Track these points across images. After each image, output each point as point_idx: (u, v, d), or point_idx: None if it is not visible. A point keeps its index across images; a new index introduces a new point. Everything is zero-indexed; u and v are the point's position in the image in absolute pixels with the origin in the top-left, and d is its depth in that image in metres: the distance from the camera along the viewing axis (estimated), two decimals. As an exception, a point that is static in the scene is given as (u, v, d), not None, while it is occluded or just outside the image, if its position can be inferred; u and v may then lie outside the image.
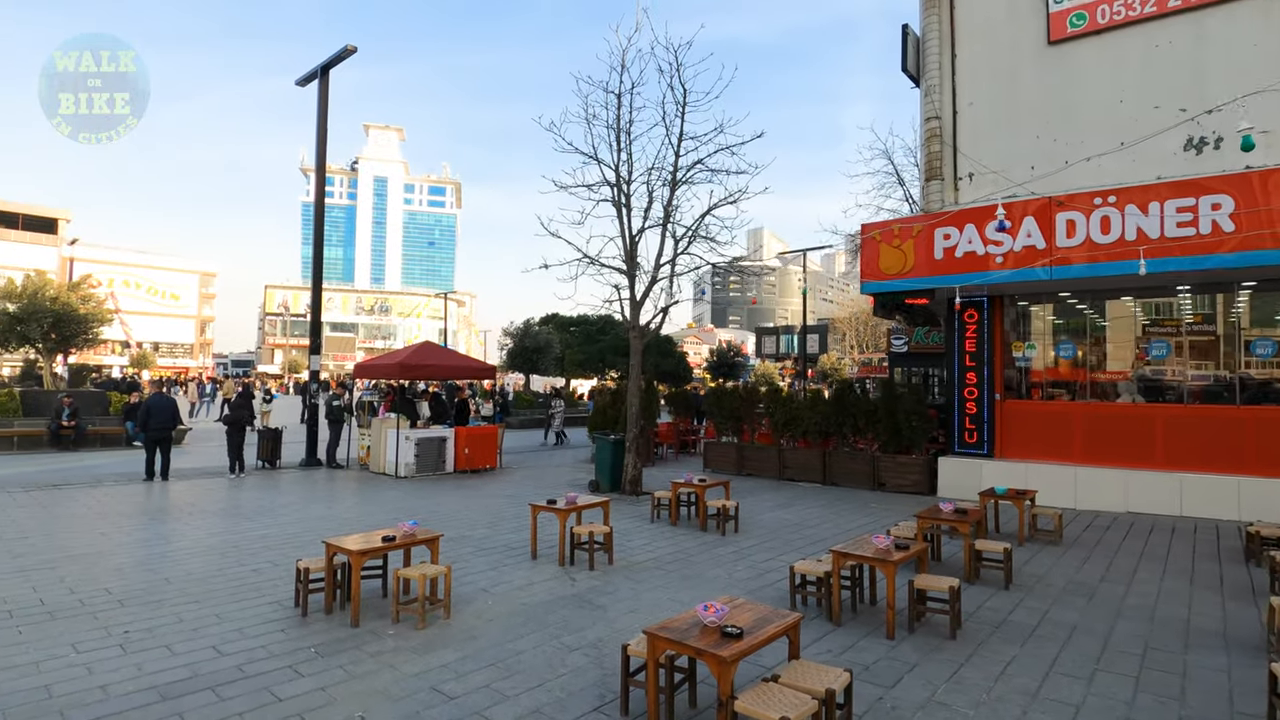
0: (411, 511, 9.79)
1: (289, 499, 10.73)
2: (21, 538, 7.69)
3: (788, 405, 13.79)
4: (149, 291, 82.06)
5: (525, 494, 11.50)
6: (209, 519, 9.05)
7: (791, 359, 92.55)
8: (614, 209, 11.56)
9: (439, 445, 13.92)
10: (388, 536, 5.45)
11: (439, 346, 15.25)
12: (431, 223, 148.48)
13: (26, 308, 18.97)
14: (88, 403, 18.29)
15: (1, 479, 11.97)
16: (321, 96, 15.60)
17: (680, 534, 8.62)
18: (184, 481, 12.28)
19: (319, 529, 8.53)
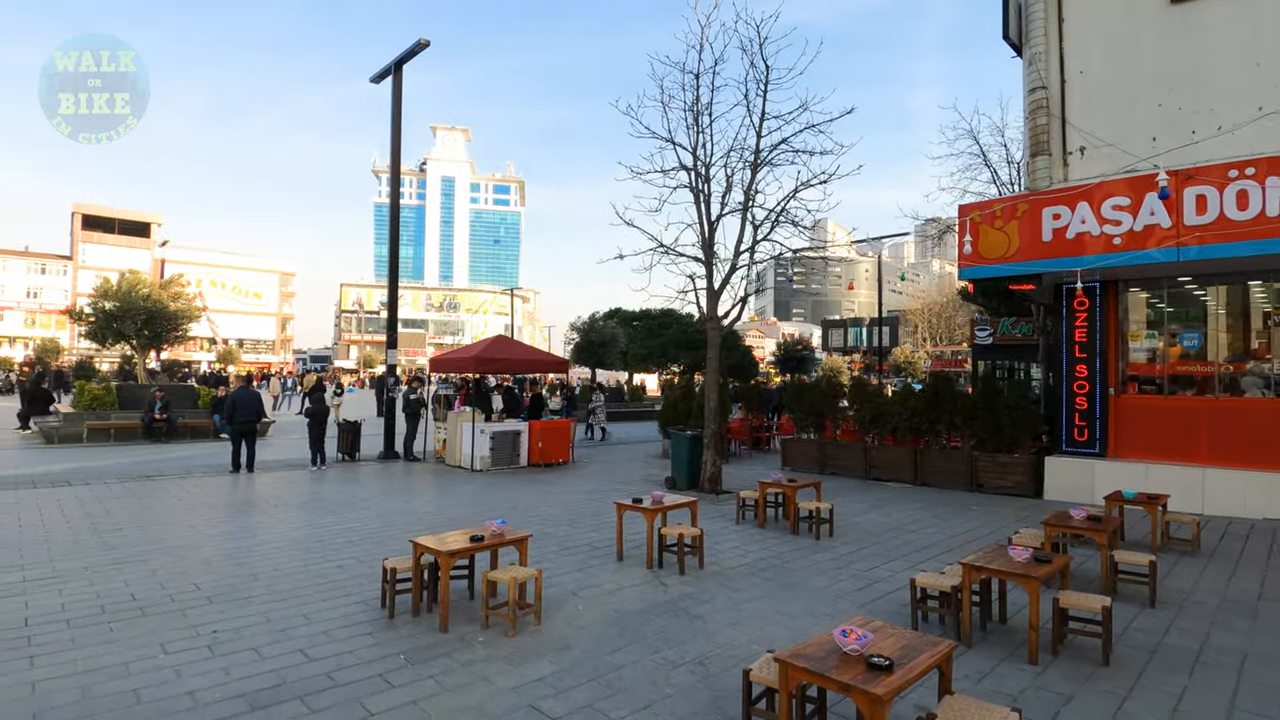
0: (489, 506, 9.60)
1: (369, 492, 10.72)
2: (116, 530, 7.82)
3: (875, 400, 13.02)
4: (234, 291, 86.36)
5: (601, 490, 11.19)
6: (293, 512, 9.06)
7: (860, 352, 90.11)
8: (691, 195, 11.08)
9: (513, 439, 13.78)
10: (476, 536, 5.16)
11: (512, 340, 15.12)
12: (496, 221, 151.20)
13: (121, 305, 19.91)
14: (178, 396, 19.04)
15: (99, 470, 12.43)
16: (395, 92, 15.67)
17: (770, 537, 8.09)
18: (268, 473, 12.49)
19: (400, 523, 8.40)
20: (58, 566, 6.26)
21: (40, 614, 5.05)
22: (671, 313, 51.75)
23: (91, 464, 13.16)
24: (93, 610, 5.15)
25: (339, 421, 14.44)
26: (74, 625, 4.85)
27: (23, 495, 9.72)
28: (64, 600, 5.35)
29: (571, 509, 9.54)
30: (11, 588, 5.61)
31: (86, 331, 21.26)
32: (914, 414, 12.51)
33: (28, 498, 9.54)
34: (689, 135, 10.97)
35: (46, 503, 9.26)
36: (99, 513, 8.70)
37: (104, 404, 17.81)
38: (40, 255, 74.18)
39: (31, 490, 10.18)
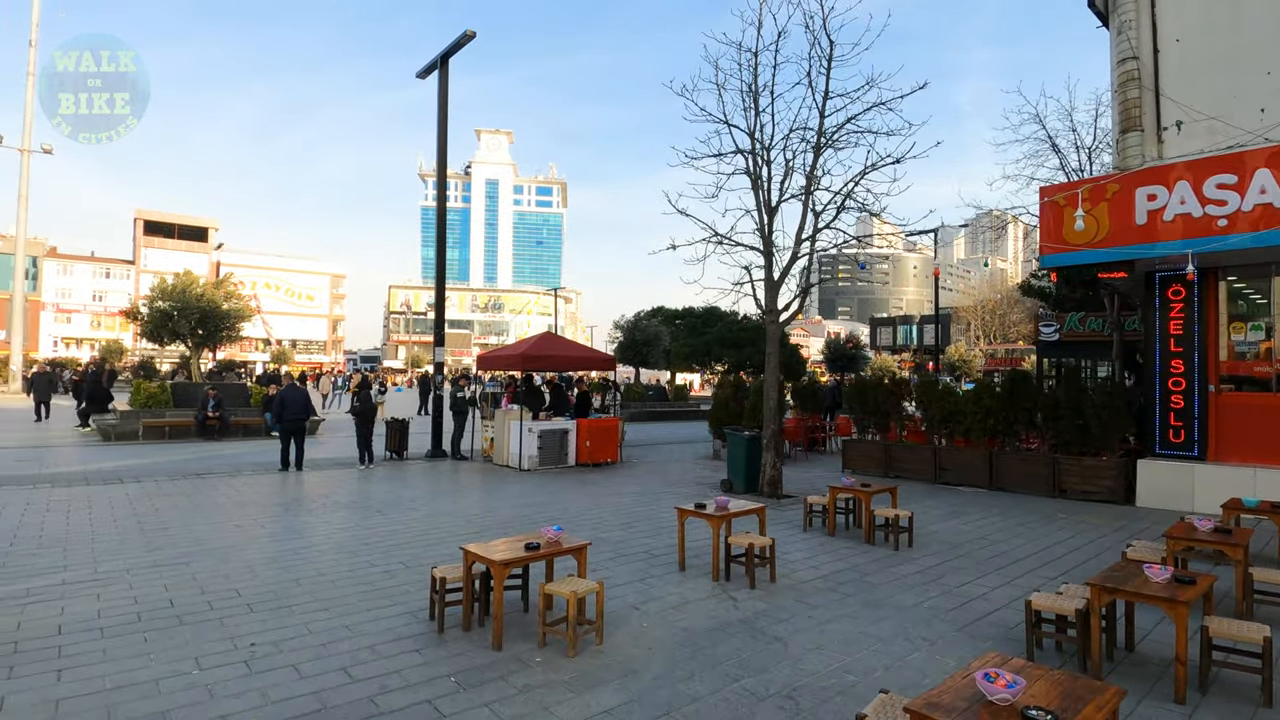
0: (539, 507, 9.17)
1: (416, 492, 10.42)
2: (161, 529, 7.62)
3: (947, 399, 12.20)
4: (286, 293, 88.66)
5: (652, 491, 10.68)
6: (339, 512, 8.78)
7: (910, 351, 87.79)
8: (748, 180, 10.47)
9: (561, 438, 13.37)
10: (531, 544, 4.69)
11: (559, 337, 14.74)
12: (539, 222, 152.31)
13: (175, 305, 20.24)
14: (230, 394, 19.22)
15: (150, 468, 12.45)
16: (441, 86, 15.45)
17: (843, 547, 7.45)
18: (317, 472, 12.33)
19: (448, 525, 8.03)
20: (99, 569, 6.02)
21: (75, 621, 4.77)
22: (715, 310, 51.05)
23: (144, 461, 13.22)
24: (128, 618, 4.85)
25: (386, 420, 14.25)
26: (107, 634, 4.55)
27: (75, 493, 9.68)
28: (101, 606, 5.07)
29: (625, 512, 9.04)
30: (50, 592, 5.37)
31: (143, 331, 21.72)
32: (988, 414, 11.66)
33: (80, 495, 9.49)
34: (746, 118, 10.39)
35: (98, 500, 9.19)
36: (146, 511, 8.56)
37: (159, 402, 18.06)
38: (105, 260, 77.34)
39: (84, 487, 10.16)
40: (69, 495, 9.46)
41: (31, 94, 32.72)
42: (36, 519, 7.95)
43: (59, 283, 74.14)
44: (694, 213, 9.87)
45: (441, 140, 15.29)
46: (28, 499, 9.10)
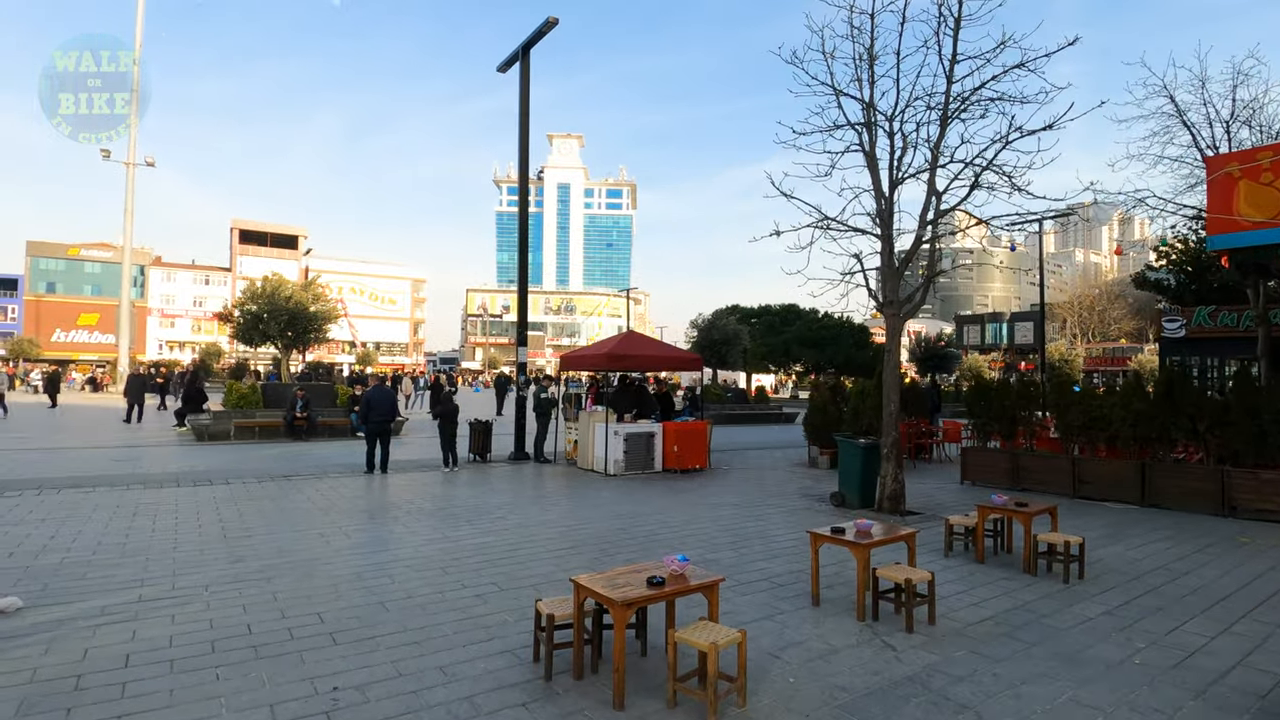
0: (633, 519, 8.40)
1: (502, 498, 9.84)
2: (245, 536, 7.23)
3: (1088, 402, 10.75)
4: (370, 297, 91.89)
5: (753, 503, 9.74)
6: (426, 521, 8.25)
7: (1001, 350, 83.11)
8: (863, 158, 9.40)
9: (647, 442, 12.60)
10: (655, 579, 3.87)
11: (643, 336, 14.00)
12: (609, 224, 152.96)
13: (265, 307, 20.62)
14: (318, 395, 19.39)
15: (239, 469, 12.39)
16: (523, 78, 14.96)
17: (1000, 577, 6.33)
18: (401, 475, 11.98)
19: (541, 538, 7.34)
20: (177, 583, 5.59)
21: (144, 650, 4.26)
22: (793, 308, 49.47)
23: (233, 462, 13.23)
24: (201, 648, 4.31)
25: (470, 421, 13.84)
26: (177, 669, 4.00)
27: (164, 495, 9.55)
28: (174, 630, 4.57)
29: (730, 528, 8.15)
30: (123, 611, 4.93)
31: (234, 333, 22.30)
32: (1139, 419, 10.17)
33: (168, 498, 9.34)
34: (861, 88, 9.31)
35: (185, 503, 8.99)
36: (231, 516, 8.25)
37: (250, 403, 18.35)
38: (204, 268, 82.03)
39: (174, 489, 10.05)
40: (158, 498, 9.32)
41: (136, 109, 34.50)
42: (123, 524, 7.73)
43: (163, 289, 79.11)
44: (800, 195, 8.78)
45: (523, 132, 14.80)
46: (118, 501, 8.99)
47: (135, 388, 20.97)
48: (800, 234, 9.88)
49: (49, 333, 68.66)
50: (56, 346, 67.89)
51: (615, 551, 6.86)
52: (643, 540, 7.38)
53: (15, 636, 4.40)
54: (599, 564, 6.38)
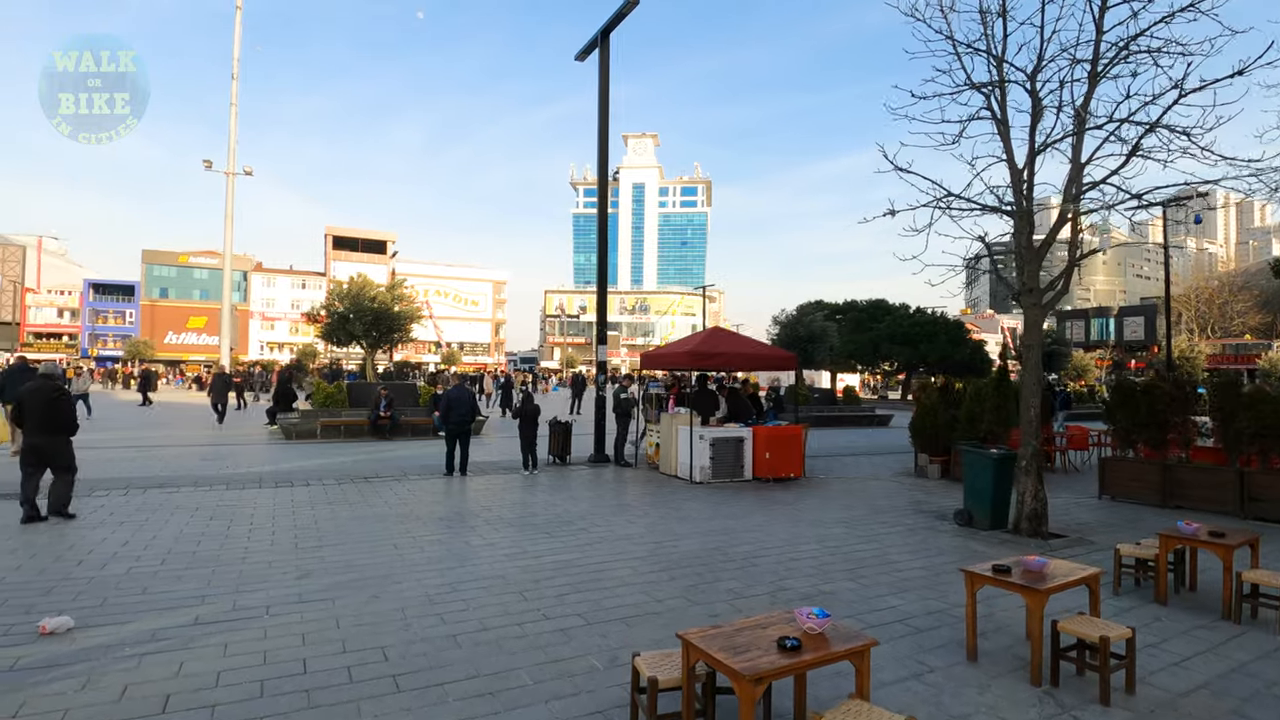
0: (728, 536, 7.51)
1: (583, 506, 9.15)
2: (316, 547, 6.79)
3: (1261, 406, 9.10)
4: (454, 299, 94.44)
5: (862, 520, 8.67)
6: (504, 531, 7.63)
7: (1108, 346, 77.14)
8: (993, 124, 8.17)
9: (736, 447, 11.66)
10: (788, 641, 2.99)
11: (731, 332, 13.06)
12: (684, 223, 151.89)
13: (351, 307, 20.85)
14: (401, 395, 19.41)
15: (322, 469, 12.23)
16: (602, 64, 14.32)
17: (1196, 626, 5.09)
18: (481, 477, 11.53)
19: (628, 557, 6.57)
20: (239, 602, 5.12)
21: (187, 690, 3.72)
22: (881, 303, 47.06)
23: (317, 462, 13.15)
24: (249, 689, 3.74)
25: (549, 421, 13.29)
26: (218, 716, 3.43)
27: (244, 497, 9.36)
28: (224, 665, 4.03)
29: (841, 551, 7.14)
30: (176, 637, 4.45)
31: (321, 333, 22.74)
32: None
33: (248, 501, 9.13)
34: (987, 44, 8.09)
35: (263, 507, 8.74)
36: (306, 523, 7.89)
37: (336, 402, 18.52)
38: (301, 273, 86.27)
39: (255, 490, 9.88)
40: (238, 500, 9.12)
41: (234, 122, 36.10)
42: (198, 528, 7.47)
43: (263, 293, 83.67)
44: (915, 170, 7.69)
45: (603, 120, 14.14)
46: (198, 503, 8.82)
47: (219, 387, 21.51)
48: (916, 216, 8.74)
49: (162, 335, 73.77)
50: (168, 348, 72.86)
51: (713, 578, 6.00)
52: (742, 564, 6.49)
53: (56, 665, 3.96)
54: (696, 593, 5.54)
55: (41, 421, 7.67)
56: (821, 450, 16.76)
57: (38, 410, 7.66)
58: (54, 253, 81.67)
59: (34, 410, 7.66)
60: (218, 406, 20.78)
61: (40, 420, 7.66)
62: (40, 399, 7.68)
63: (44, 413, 7.67)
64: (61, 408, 7.78)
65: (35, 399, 7.68)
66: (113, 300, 74.60)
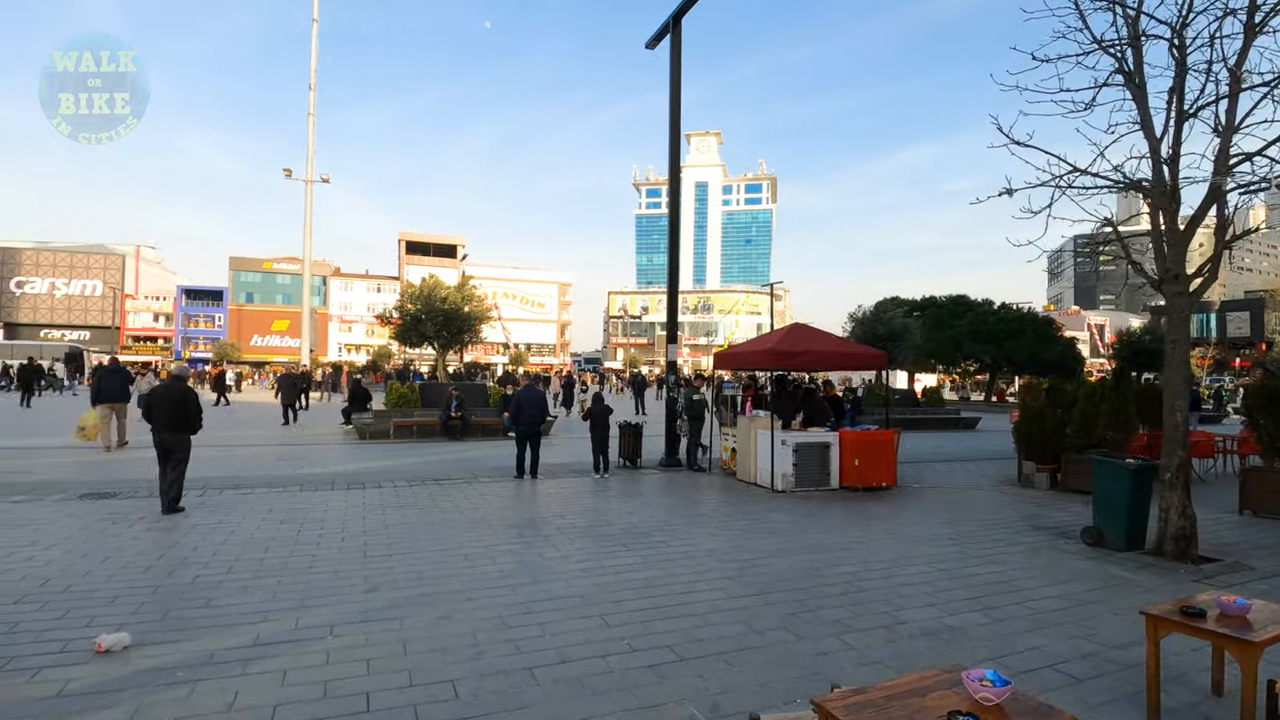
0: (824, 554, 6.79)
1: (659, 515, 8.58)
2: (385, 557, 6.45)
3: None
4: (521, 301, 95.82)
5: (973, 537, 7.78)
6: (578, 542, 7.14)
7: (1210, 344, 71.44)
8: (1125, 89, 7.15)
9: (821, 453, 10.86)
10: (961, 718, 2.32)
11: (814, 329, 12.24)
12: (748, 220, 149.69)
13: (422, 308, 20.95)
14: (471, 395, 19.36)
15: (392, 470, 12.10)
16: (674, 51, 13.74)
17: None
18: (552, 480, 11.14)
19: (714, 576, 5.95)
20: (301, 620, 4.77)
21: (240, 728, 3.33)
22: (963, 299, 44.70)
23: (388, 463, 13.07)
24: (305, 730, 3.31)
25: (620, 424, 12.80)
26: (270, 767, 3.01)
27: (316, 500, 9.21)
28: (280, 698, 3.63)
29: (957, 574, 6.32)
30: (233, 660, 4.10)
31: (393, 334, 23.00)
32: None
33: (319, 504, 8.97)
34: (1122, 1, 7.09)
35: (334, 510, 8.55)
36: (376, 528, 7.61)
37: (408, 402, 18.59)
38: (376, 277, 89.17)
39: (328, 493, 9.75)
40: (309, 503, 8.97)
41: (312, 131, 37.25)
42: (268, 533, 7.27)
43: (341, 297, 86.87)
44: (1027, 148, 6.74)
45: (674, 108, 13.57)
46: (271, 505, 8.70)
47: (286, 387, 21.64)
48: (1032, 196, 7.80)
49: (248, 338, 77.50)
50: (254, 350, 76.43)
51: (816, 605, 5.31)
52: (846, 588, 5.78)
53: (103, 692, 3.64)
54: (799, 624, 4.87)
55: (170, 419, 8.19)
56: (909, 456, 15.67)
57: (167, 409, 8.19)
58: (150, 261, 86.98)
59: (163, 408, 8.18)
60: (289, 409, 20.99)
61: (168, 418, 8.18)
62: (171, 398, 8.24)
63: (173, 411, 8.20)
64: (189, 407, 8.31)
65: (166, 398, 8.24)
66: (203, 305, 78.88)
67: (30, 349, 43.34)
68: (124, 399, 14.64)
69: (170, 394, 8.28)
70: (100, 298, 75.68)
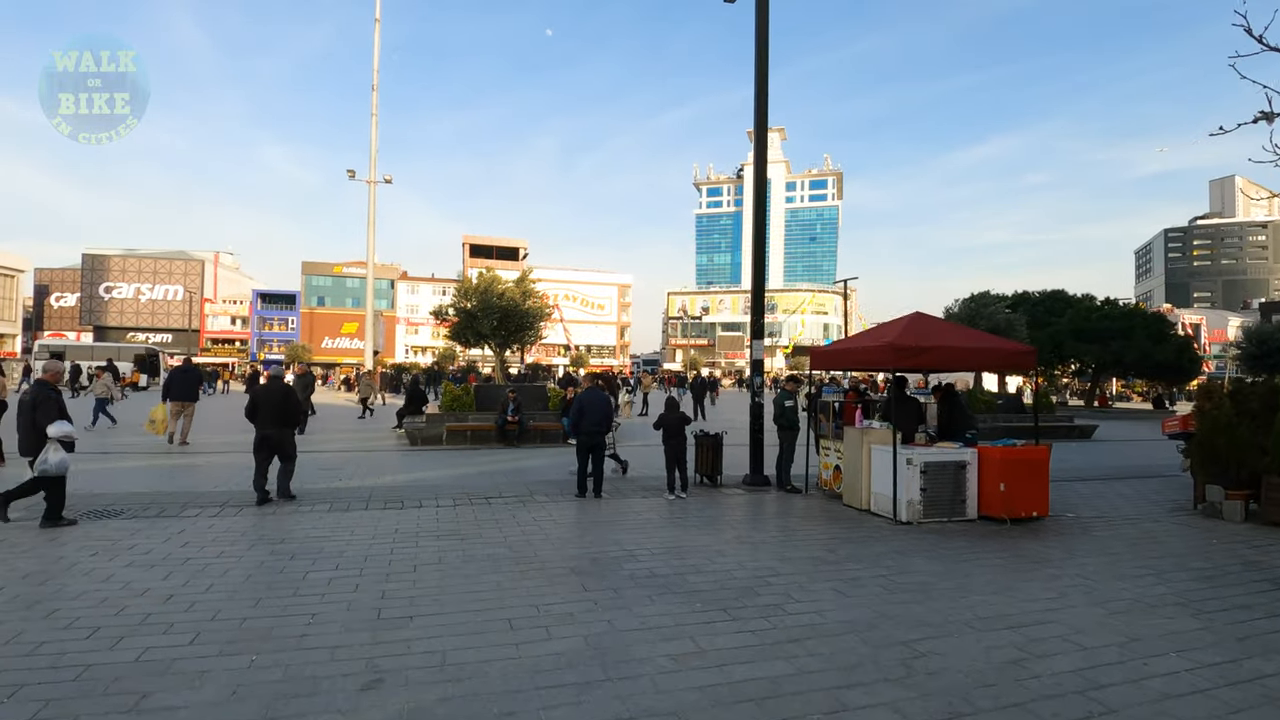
0: (1008, 624, 4.75)
1: (763, 558, 6.66)
2: (404, 619, 4.76)
3: None
4: (581, 303, 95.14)
5: (1199, 595, 5.58)
6: (661, 604, 5.29)
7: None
8: None
9: (955, 475, 8.71)
10: None
11: (938, 319, 10.11)
12: (813, 218, 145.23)
13: (480, 304, 19.59)
14: (530, 398, 17.86)
15: (438, 484, 10.58)
16: (760, 10, 11.79)
17: None
18: (619, 501, 9.40)
19: (873, 676, 3.99)
20: (250, 755, 3.09)
21: None
22: (1060, 294, 40.88)
23: (436, 473, 11.60)
24: None
25: (696, 434, 10.92)
26: None
27: (345, 522, 7.71)
28: None
29: (1237, 675, 4.17)
30: None
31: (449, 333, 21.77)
32: None
33: (346, 527, 7.44)
34: None
35: (360, 537, 7.01)
36: (402, 568, 5.99)
37: (463, 405, 17.24)
38: (441, 280, 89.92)
39: (360, 513, 8.25)
40: (335, 527, 7.46)
41: (375, 132, 36.77)
42: (268, 575, 5.73)
43: (408, 300, 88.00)
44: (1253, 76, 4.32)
45: (761, 72, 11.62)
46: (289, 530, 7.21)
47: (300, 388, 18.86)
48: None
49: (320, 340, 79.16)
50: (325, 352, 77.99)
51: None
52: (1081, 702, 3.75)
53: None
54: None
55: (274, 416, 8.86)
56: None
57: (272, 406, 8.86)
58: (228, 266, 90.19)
59: (268, 406, 8.84)
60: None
61: (273, 415, 8.85)
62: (274, 397, 8.95)
63: (276, 409, 8.90)
64: (291, 404, 9.11)
65: (270, 397, 8.92)
66: (277, 309, 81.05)
67: (109, 351, 44.68)
68: (191, 399, 14.89)
69: (272, 394, 8.96)
70: (181, 302, 78.68)
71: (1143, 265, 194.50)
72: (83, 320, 77.48)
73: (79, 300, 79.61)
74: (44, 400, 7.11)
